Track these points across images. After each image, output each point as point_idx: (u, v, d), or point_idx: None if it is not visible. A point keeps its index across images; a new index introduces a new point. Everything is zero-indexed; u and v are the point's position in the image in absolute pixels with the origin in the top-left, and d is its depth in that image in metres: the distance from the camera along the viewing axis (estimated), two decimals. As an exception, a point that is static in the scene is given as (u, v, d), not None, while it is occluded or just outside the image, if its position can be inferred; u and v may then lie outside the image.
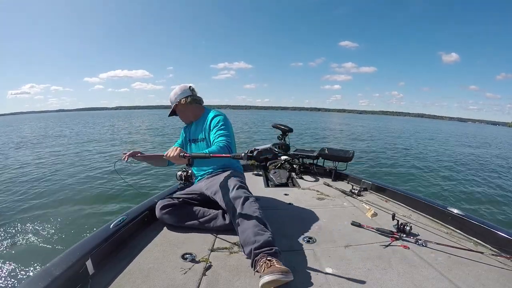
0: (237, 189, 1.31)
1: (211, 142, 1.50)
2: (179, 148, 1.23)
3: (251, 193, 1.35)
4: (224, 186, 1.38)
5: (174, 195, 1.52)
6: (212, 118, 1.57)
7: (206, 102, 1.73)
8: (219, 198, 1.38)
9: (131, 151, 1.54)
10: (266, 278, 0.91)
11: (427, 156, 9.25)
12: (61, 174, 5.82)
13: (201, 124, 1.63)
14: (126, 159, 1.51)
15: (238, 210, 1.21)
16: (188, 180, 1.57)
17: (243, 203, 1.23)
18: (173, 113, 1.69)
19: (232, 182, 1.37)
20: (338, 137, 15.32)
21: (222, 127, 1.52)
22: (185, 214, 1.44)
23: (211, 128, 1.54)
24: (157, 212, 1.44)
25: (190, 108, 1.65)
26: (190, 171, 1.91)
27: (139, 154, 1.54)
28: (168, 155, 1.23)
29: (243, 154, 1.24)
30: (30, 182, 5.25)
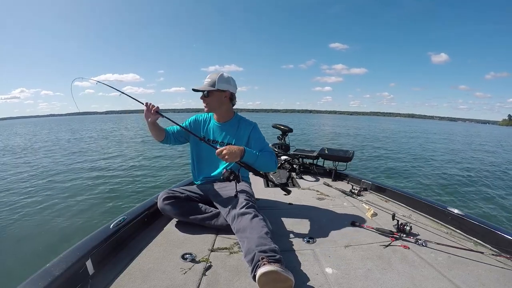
0: (247, 208, 1.26)
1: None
2: (242, 150, 1.34)
3: (260, 213, 1.28)
4: (232, 201, 1.33)
5: (179, 189, 1.51)
6: (254, 127, 1.58)
7: (196, 106, 1.66)
8: (225, 212, 1.34)
9: (156, 106, 1.41)
10: (264, 269, 0.89)
11: (425, 155, 9.25)
12: (60, 175, 5.83)
13: (232, 128, 1.57)
14: (151, 110, 1.40)
15: (245, 224, 1.17)
16: (237, 181, 1.38)
17: (251, 219, 1.18)
18: (205, 94, 1.48)
19: (241, 198, 1.32)
20: (333, 138, 15.37)
21: (264, 139, 1.58)
22: (187, 208, 1.43)
23: (255, 138, 1.55)
24: (159, 202, 1.42)
25: (227, 105, 1.56)
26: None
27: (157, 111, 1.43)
28: (224, 154, 1.29)
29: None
30: (30, 183, 5.26)
